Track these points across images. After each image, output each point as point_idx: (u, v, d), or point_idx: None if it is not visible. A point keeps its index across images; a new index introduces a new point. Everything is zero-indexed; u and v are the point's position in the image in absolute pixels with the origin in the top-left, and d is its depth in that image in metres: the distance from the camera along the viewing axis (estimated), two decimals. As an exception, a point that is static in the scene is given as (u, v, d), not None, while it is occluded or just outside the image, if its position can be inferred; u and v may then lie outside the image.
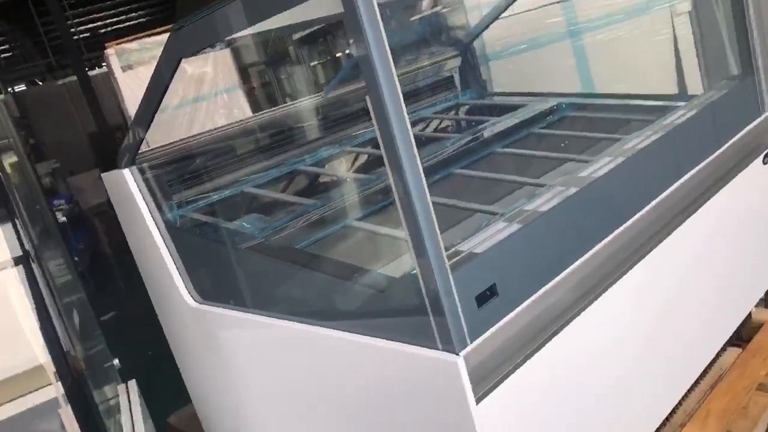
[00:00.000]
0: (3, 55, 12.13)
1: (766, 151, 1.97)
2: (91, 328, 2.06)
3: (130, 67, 4.87)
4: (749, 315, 2.06)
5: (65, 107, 15.28)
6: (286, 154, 2.10)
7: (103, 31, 12.80)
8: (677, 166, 1.68)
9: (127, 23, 12.13)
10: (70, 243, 7.19)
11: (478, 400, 1.11)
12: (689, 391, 1.76)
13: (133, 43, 4.91)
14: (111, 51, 4.81)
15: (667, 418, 1.69)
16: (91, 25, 12.18)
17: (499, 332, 1.17)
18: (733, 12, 1.94)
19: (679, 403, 1.73)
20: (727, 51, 2.04)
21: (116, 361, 1.88)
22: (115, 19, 12.39)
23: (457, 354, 1.09)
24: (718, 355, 1.90)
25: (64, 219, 6.91)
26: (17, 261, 1.35)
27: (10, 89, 14.94)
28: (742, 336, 2.00)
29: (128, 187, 1.76)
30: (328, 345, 1.36)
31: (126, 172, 1.76)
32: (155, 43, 4.94)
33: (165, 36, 4.98)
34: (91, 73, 14.24)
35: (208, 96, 5.06)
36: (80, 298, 2.17)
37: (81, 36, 12.42)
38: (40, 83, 17.03)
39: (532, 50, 2.71)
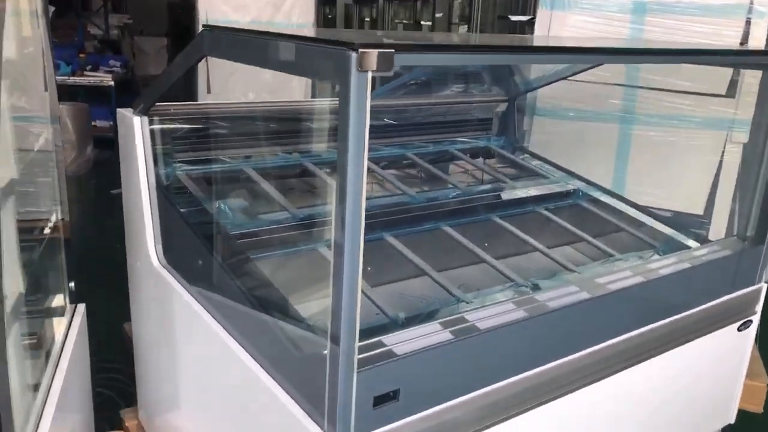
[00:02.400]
0: None
1: (745, 320, 1.95)
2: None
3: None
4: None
5: (158, -34, 15.26)
6: (302, 147, 2.12)
7: None
8: (650, 313, 1.68)
9: None
10: (111, 107, 7.34)
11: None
12: None
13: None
14: (202, -51, 4.80)
15: None
16: None
17: (387, 434, 1.22)
18: (769, 177, 1.89)
19: None
20: (754, 206, 1.99)
21: (72, 284, 1.97)
22: None
23: (336, 443, 1.15)
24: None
25: (111, 83, 7.02)
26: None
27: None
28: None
29: (134, 135, 1.80)
30: (237, 363, 1.42)
31: (136, 120, 1.81)
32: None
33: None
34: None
35: (280, 24, 5.05)
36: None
37: None
38: (143, -67, 16.96)
39: (580, 121, 2.66)
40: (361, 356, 1.15)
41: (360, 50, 0.95)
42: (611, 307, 1.58)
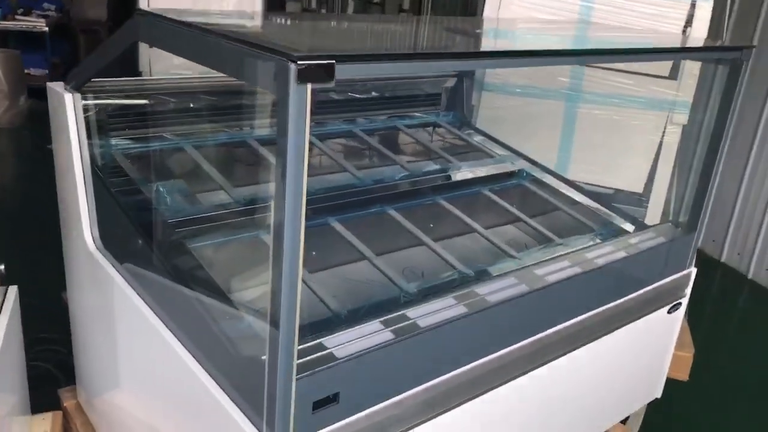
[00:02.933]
0: None
1: (675, 303, 2.03)
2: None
3: None
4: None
5: None
6: (246, 123, 2.05)
7: None
8: (584, 302, 1.73)
9: None
10: (45, 53, 6.98)
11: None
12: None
13: None
14: None
15: None
16: None
17: (327, 435, 1.23)
18: (703, 166, 1.94)
19: None
20: (687, 194, 2.05)
21: (2, 267, 1.89)
22: None
23: (274, 447, 1.15)
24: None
25: (45, 29, 6.64)
26: None
27: None
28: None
29: (65, 112, 1.71)
30: (173, 358, 1.40)
31: (68, 97, 1.71)
32: None
33: None
34: None
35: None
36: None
37: None
38: None
39: (528, 97, 2.66)
40: (300, 361, 1.15)
41: (299, 62, 0.92)
42: (550, 298, 1.61)
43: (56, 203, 1.95)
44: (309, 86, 0.94)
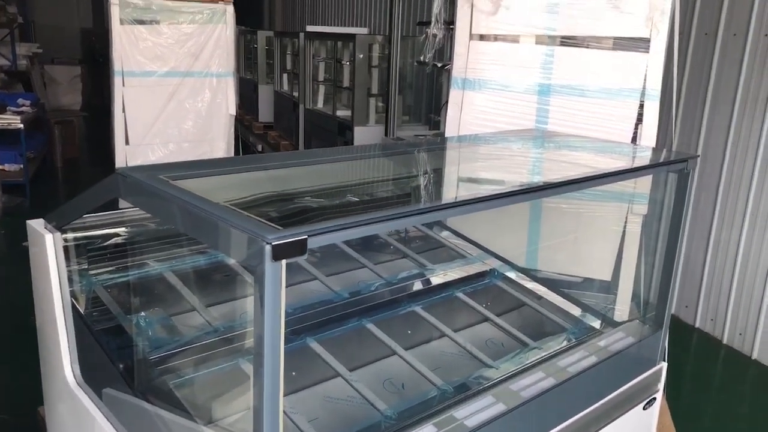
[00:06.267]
0: (18, -76, 11.50)
1: (649, 399, 2.08)
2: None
3: (129, 21, 4.76)
4: None
5: (67, -6, 14.76)
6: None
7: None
8: (561, 412, 1.76)
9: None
10: (20, 149, 7.02)
11: None
12: None
13: (140, -2, 4.80)
14: (115, 0, 4.69)
15: None
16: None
17: None
18: (664, 261, 2.03)
19: None
20: (652, 289, 2.13)
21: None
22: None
23: None
24: None
25: (20, 126, 6.70)
26: None
27: (17, -46, 14.27)
28: None
29: (46, 252, 1.76)
30: None
31: (48, 238, 1.76)
32: (162, 7, 4.83)
33: (175, 3, 4.78)
34: (104, -32, 13.79)
35: (198, 75, 4.99)
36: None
37: (104, -66, 11.93)
38: (50, -41, 16.31)
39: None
40: None
41: (274, 243, 0.99)
42: (528, 414, 1.66)
43: (32, 306, 1.93)
44: (283, 261, 1.01)
